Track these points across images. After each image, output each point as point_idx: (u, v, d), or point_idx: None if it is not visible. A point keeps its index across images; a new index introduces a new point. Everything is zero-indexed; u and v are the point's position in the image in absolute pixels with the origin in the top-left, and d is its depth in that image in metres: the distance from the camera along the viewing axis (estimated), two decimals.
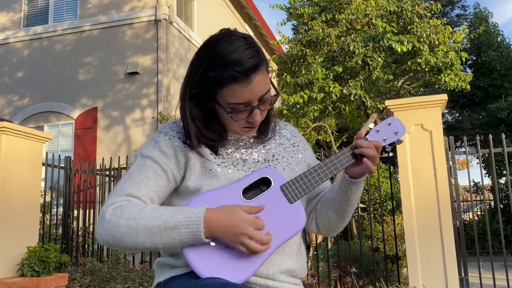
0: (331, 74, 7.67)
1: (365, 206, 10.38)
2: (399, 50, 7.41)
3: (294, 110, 7.85)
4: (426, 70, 7.93)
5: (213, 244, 1.13)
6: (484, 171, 14.05)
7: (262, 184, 1.21)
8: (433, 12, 8.32)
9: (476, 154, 6.07)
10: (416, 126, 4.25)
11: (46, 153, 6.13)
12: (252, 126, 1.25)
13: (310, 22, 8.51)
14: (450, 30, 8.18)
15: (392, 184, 5.28)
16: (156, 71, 8.70)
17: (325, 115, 8.99)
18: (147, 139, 1.52)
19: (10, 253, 4.65)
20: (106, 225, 1.14)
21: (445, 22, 9.72)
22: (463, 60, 8.11)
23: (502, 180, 14.37)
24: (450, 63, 7.71)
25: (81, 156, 8.48)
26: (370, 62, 7.58)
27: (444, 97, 4.27)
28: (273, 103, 1.27)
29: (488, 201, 14.60)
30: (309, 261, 5.78)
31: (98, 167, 6.38)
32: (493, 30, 15.87)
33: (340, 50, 7.80)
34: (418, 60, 7.76)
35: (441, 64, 7.70)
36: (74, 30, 9.42)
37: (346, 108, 8.54)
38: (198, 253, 1.14)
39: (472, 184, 14.69)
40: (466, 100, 15.46)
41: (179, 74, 9.14)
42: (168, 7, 8.90)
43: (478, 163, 15.60)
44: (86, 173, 6.20)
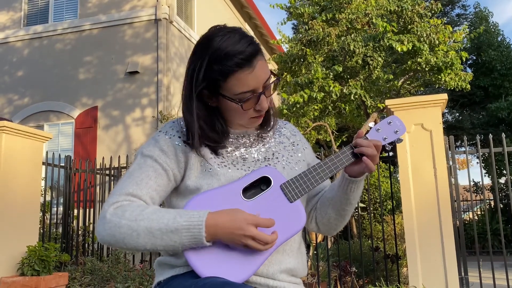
0: (331, 74, 7.67)
1: (365, 206, 10.38)
2: (399, 49, 7.41)
3: (294, 109, 7.85)
4: (426, 69, 7.93)
5: (210, 244, 1.13)
6: (484, 171, 14.04)
7: (262, 183, 1.21)
8: (433, 11, 8.31)
9: (476, 154, 6.07)
10: (416, 126, 4.25)
11: (46, 152, 6.13)
12: (260, 115, 1.27)
13: (310, 22, 8.50)
14: (450, 29, 8.17)
15: (392, 183, 5.28)
16: (156, 71, 8.70)
17: (325, 115, 8.98)
18: (148, 138, 1.52)
19: (10, 252, 4.65)
20: (107, 225, 1.14)
21: (445, 22, 9.73)
22: (463, 59, 8.10)
23: (502, 179, 14.38)
24: (450, 63, 7.70)
25: (81, 155, 8.48)
26: (370, 62, 7.58)
27: (444, 96, 4.26)
28: (275, 88, 1.29)
29: (488, 200, 14.60)
30: (309, 260, 5.78)
31: (98, 167, 6.38)
32: (493, 30, 15.85)
33: (340, 49, 7.80)
34: (418, 59, 7.76)
35: (441, 63, 7.69)
36: (74, 30, 9.42)
37: (346, 107, 8.54)
38: (198, 252, 1.13)
39: (472, 183, 14.69)
40: (466, 99, 15.45)
41: (179, 73, 9.14)
42: (168, 7, 8.90)
43: (478, 163, 15.63)
44: (86, 172, 6.21)
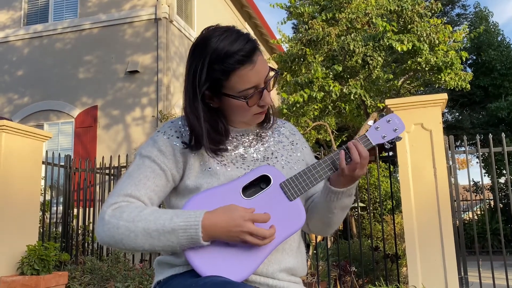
0: (331, 73, 7.66)
1: (365, 205, 10.39)
2: (399, 49, 7.40)
3: (294, 109, 7.85)
4: (426, 69, 7.92)
5: (207, 243, 1.13)
6: (484, 171, 14.05)
7: (262, 182, 1.21)
8: (433, 11, 8.31)
9: (476, 154, 6.07)
10: (416, 126, 4.25)
11: (46, 151, 6.12)
12: (263, 110, 1.27)
13: (310, 21, 8.50)
14: (450, 29, 8.17)
15: (392, 183, 5.28)
16: (156, 70, 8.70)
17: (325, 114, 8.98)
18: (147, 138, 1.52)
19: (10, 251, 4.65)
20: (105, 226, 1.15)
21: (445, 21, 9.71)
22: (463, 59, 8.10)
23: (502, 179, 14.38)
24: (450, 63, 7.70)
25: (81, 154, 8.47)
26: (370, 61, 7.57)
27: (444, 96, 4.26)
28: (276, 82, 1.29)
29: (487, 200, 14.59)
30: (308, 260, 5.78)
31: (98, 166, 6.38)
32: (493, 30, 15.85)
33: (340, 49, 7.79)
34: (418, 59, 7.75)
35: (441, 63, 7.69)
36: (74, 29, 9.41)
37: (346, 107, 8.53)
38: (198, 251, 1.14)
39: (472, 183, 14.68)
40: (466, 99, 15.45)
41: (179, 73, 9.14)
42: (168, 6, 8.90)
43: (478, 163, 15.62)
44: (86, 171, 6.21)
